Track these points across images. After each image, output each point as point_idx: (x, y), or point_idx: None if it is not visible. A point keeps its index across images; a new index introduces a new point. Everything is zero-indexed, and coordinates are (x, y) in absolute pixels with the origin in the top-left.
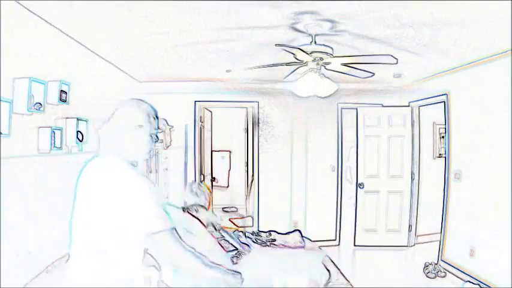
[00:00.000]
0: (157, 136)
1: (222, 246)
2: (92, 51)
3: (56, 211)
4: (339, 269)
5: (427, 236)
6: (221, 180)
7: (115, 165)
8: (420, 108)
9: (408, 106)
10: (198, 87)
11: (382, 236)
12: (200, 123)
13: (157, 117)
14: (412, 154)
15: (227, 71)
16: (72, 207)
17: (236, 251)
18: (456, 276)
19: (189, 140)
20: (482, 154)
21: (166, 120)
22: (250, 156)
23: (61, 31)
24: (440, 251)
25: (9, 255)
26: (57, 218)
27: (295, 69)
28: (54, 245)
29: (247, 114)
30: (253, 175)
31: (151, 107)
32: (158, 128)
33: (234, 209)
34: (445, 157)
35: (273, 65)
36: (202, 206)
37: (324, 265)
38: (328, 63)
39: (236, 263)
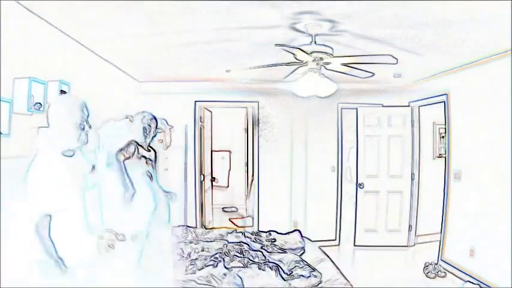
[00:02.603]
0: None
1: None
2: (92, 51)
3: None
4: (339, 269)
5: (427, 236)
6: (221, 180)
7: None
8: (420, 108)
9: (408, 106)
10: (198, 87)
11: (382, 236)
12: (200, 123)
13: (87, 110)
14: (412, 154)
15: (227, 71)
16: None
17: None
18: (456, 276)
19: (189, 140)
20: (482, 154)
21: (166, 120)
22: (250, 156)
23: (61, 31)
24: (440, 251)
25: (9, 256)
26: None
27: (295, 69)
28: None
29: (247, 114)
30: (253, 175)
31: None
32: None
33: (234, 209)
34: (445, 157)
35: (273, 65)
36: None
37: (311, 266)
38: (328, 63)
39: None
